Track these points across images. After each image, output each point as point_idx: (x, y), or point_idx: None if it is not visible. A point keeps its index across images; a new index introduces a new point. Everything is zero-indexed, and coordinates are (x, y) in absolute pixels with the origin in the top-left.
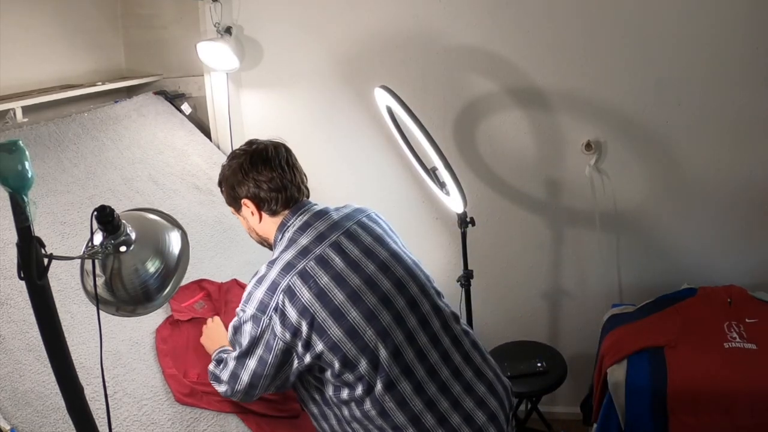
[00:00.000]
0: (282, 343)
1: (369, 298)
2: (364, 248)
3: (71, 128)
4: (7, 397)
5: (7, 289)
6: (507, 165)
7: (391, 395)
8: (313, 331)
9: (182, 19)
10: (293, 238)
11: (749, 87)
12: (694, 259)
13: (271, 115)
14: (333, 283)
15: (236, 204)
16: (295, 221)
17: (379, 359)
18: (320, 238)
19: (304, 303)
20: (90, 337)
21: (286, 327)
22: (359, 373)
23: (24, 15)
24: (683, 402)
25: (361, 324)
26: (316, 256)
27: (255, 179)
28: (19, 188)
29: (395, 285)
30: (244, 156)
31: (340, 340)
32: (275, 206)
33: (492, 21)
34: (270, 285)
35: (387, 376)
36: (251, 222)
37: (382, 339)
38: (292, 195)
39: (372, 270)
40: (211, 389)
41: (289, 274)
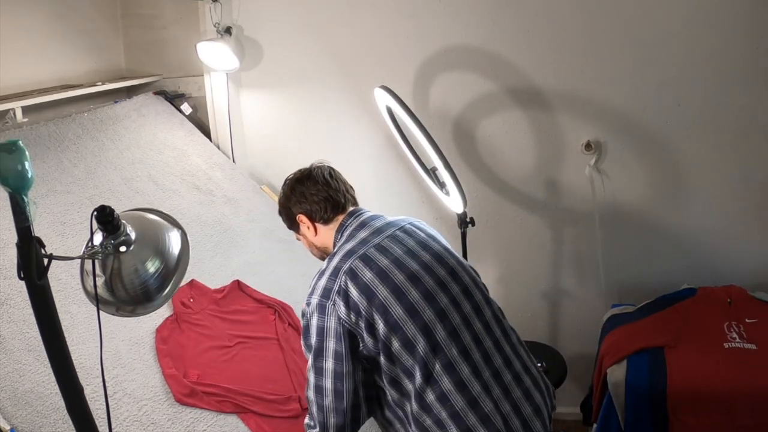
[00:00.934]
0: (347, 326)
1: (427, 281)
2: (419, 241)
3: (71, 128)
4: (7, 397)
5: (7, 289)
6: (507, 165)
7: (450, 377)
8: (374, 309)
9: (182, 19)
10: (352, 233)
11: (749, 87)
12: (694, 259)
13: (271, 115)
14: (393, 266)
15: (294, 224)
16: (353, 221)
17: (437, 339)
18: (377, 231)
19: (366, 282)
20: (90, 337)
21: (351, 307)
22: (419, 355)
23: (24, 15)
24: (683, 402)
25: (420, 303)
26: (375, 244)
27: (303, 194)
28: (19, 188)
29: (449, 273)
30: (293, 180)
31: (400, 317)
32: (326, 214)
33: (492, 21)
34: (332, 271)
35: (445, 356)
36: (310, 237)
37: (440, 319)
38: (339, 201)
39: (428, 258)
40: (211, 389)
41: (351, 258)
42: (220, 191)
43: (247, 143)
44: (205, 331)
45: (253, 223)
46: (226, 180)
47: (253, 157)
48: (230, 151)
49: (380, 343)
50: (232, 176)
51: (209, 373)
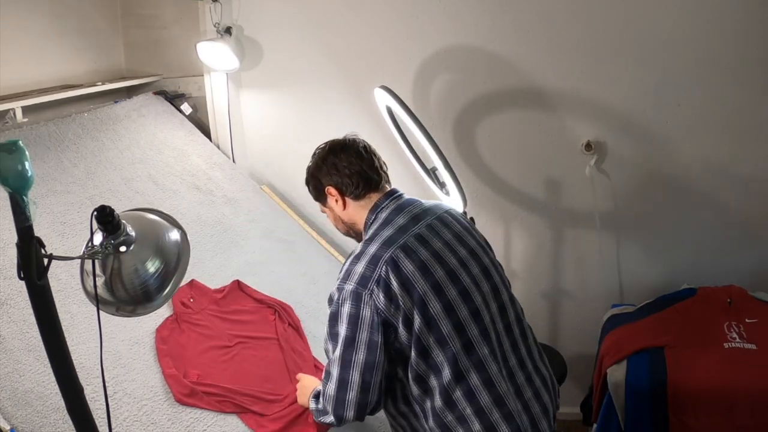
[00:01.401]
0: (384, 317)
1: (464, 278)
2: (455, 234)
3: (71, 128)
4: (7, 397)
5: (7, 289)
6: (507, 165)
7: (479, 375)
8: (414, 303)
9: (182, 19)
10: (389, 218)
11: (749, 87)
12: (694, 259)
13: (271, 115)
14: (433, 260)
15: (322, 196)
16: (389, 203)
17: (469, 337)
18: (415, 219)
19: (408, 274)
20: (90, 337)
21: (391, 299)
22: (450, 352)
23: (24, 15)
24: (683, 402)
25: (457, 301)
26: (414, 234)
27: (335, 165)
28: (19, 188)
29: (482, 270)
30: (324, 150)
31: (438, 314)
32: (357, 190)
33: (492, 21)
34: (371, 258)
35: (476, 355)
36: (337, 211)
37: (473, 318)
38: (372, 177)
39: (464, 254)
40: (212, 389)
41: (392, 247)
42: (220, 191)
43: (247, 143)
44: (205, 331)
45: (253, 223)
46: (226, 180)
47: (253, 157)
48: (230, 151)
49: (414, 338)
50: (232, 176)
51: (209, 373)
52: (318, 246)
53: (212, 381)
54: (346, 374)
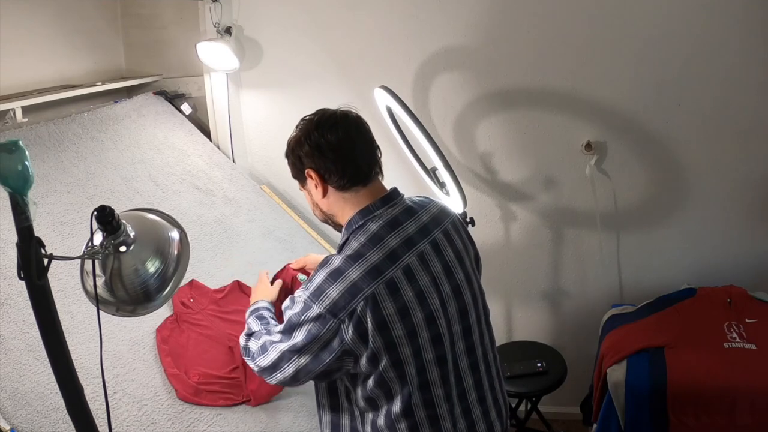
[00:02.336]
0: (347, 348)
1: (441, 322)
2: (445, 264)
3: (71, 128)
4: (7, 397)
5: (7, 289)
6: (507, 165)
7: (426, 412)
8: (384, 345)
9: (182, 19)
10: (380, 234)
11: (749, 87)
12: (694, 259)
13: (271, 115)
14: (416, 301)
15: (301, 176)
16: (384, 213)
17: (428, 378)
18: (409, 243)
19: (386, 317)
20: (90, 337)
21: (360, 336)
22: (407, 390)
23: (24, 15)
24: (683, 402)
25: (426, 345)
26: (404, 266)
27: (320, 147)
28: (19, 188)
29: (460, 311)
30: (311, 123)
31: (405, 358)
32: (342, 180)
33: (492, 21)
34: (350, 287)
35: (429, 394)
36: (315, 196)
37: (438, 364)
38: (361, 168)
39: (447, 292)
40: (215, 387)
41: (376, 281)
42: (220, 191)
43: (247, 143)
44: (206, 331)
45: (253, 223)
46: (226, 180)
47: (253, 157)
48: (230, 151)
49: (376, 372)
50: (232, 176)
51: (209, 373)
52: (318, 246)
53: (212, 379)
54: (281, 364)
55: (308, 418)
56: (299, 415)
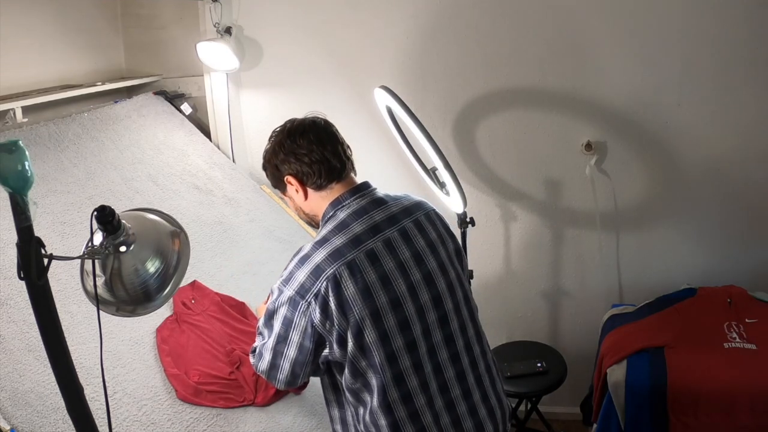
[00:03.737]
0: (318, 330)
1: (408, 307)
2: (415, 252)
3: (71, 128)
4: (7, 397)
5: (7, 289)
6: (507, 165)
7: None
8: (349, 326)
9: (182, 19)
10: (346, 221)
11: (749, 87)
12: (694, 259)
13: (270, 115)
14: (379, 284)
15: (281, 184)
16: (352, 203)
17: (401, 368)
18: (375, 230)
19: (348, 297)
20: (90, 337)
21: (327, 316)
22: (380, 380)
23: (24, 15)
24: (683, 402)
25: (393, 330)
26: (367, 249)
27: (294, 153)
28: (19, 188)
29: (433, 299)
30: (282, 133)
31: (372, 342)
32: (319, 180)
33: (492, 21)
34: (314, 269)
35: (405, 386)
36: (297, 201)
37: (408, 350)
38: (335, 166)
39: (417, 278)
40: (215, 388)
41: (337, 262)
42: (220, 191)
43: (247, 143)
44: (206, 332)
45: (253, 223)
46: (226, 180)
47: (253, 157)
48: (230, 151)
49: (347, 358)
50: (232, 176)
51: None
52: None
53: (212, 380)
54: (277, 361)
55: (308, 418)
56: (299, 415)
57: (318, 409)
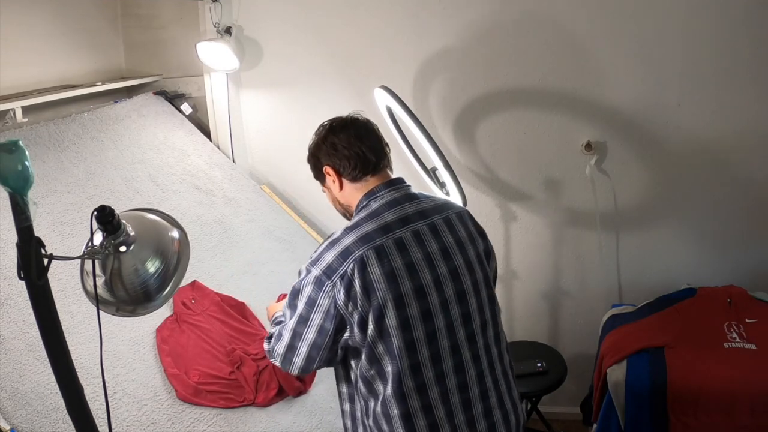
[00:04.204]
0: (340, 312)
1: (433, 298)
2: (443, 247)
3: (71, 128)
4: (7, 397)
5: (7, 289)
6: (507, 165)
7: (419, 398)
8: (371, 309)
9: (182, 19)
10: (378, 210)
11: (749, 87)
12: (694, 259)
13: (270, 115)
14: (405, 271)
15: (321, 175)
16: (386, 194)
17: (419, 359)
18: (405, 221)
19: (373, 279)
20: (90, 337)
21: (350, 297)
22: (396, 368)
23: (24, 15)
24: (683, 402)
25: (416, 320)
26: (396, 237)
27: (334, 145)
28: (19, 188)
29: (458, 294)
30: (326, 128)
31: (392, 327)
32: (354, 171)
33: (492, 21)
34: (343, 251)
35: (421, 377)
36: (334, 192)
37: (428, 341)
38: (370, 160)
39: (443, 272)
40: (215, 388)
41: (366, 246)
42: (220, 191)
43: (247, 143)
44: (206, 332)
45: (253, 223)
46: (226, 180)
47: (253, 157)
48: (230, 151)
49: (366, 342)
50: (232, 176)
51: (209, 373)
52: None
53: (212, 380)
54: (295, 343)
55: (308, 418)
56: (299, 415)
57: (318, 409)
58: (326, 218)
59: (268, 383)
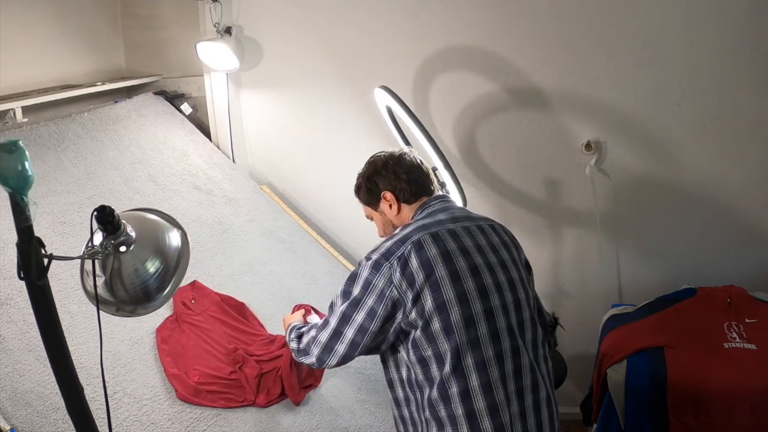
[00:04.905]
0: (395, 292)
1: (486, 278)
2: (489, 243)
3: (71, 128)
4: (7, 397)
5: (7, 289)
6: (507, 165)
7: (479, 376)
8: (428, 284)
9: (182, 19)
10: (432, 213)
11: (749, 88)
12: (693, 259)
13: (270, 115)
14: (458, 252)
15: (375, 200)
16: (437, 204)
17: (478, 334)
18: (455, 219)
19: (429, 256)
20: (90, 337)
21: (405, 276)
22: (455, 343)
23: (24, 15)
24: (683, 402)
25: (473, 294)
26: (449, 228)
27: (395, 171)
28: (19, 188)
29: (508, 281)
30: (383, 156)
31: (449, 300)
32: (411, 195)
33: (492, 21)
34: (402, 237)
35: (480, 354)
36: (389, 215)
37: (486, 317)
38: (425, 185)
39: (493, 260)
40: (215, 388)
41: (422, 232)
42: (220, 191)
43: (247, 143)
44: (206, 332)
45: (253, 223)
46: (226, 180)
47: (253, 157)
48: (230, 151)
49: (422, 319)
50: (232, 176)
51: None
52: (318, 246)
53: (213, 380)
54: (342, 328)
55: (308, 418)
56: (299, 415)
57: (318, 409)
58: (326, 218)
59: (270, 388)
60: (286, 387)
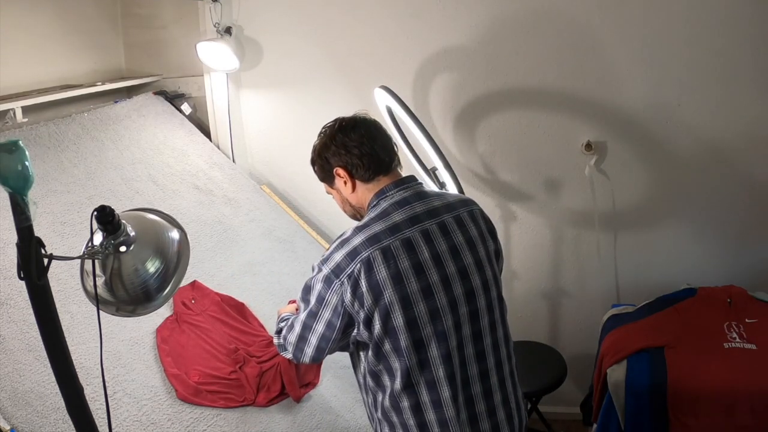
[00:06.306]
0: (348, 309)
1: (440, 298)
2: (452, 246)
3: (71, 128)
4: (7, 397)
5: (7, 289)
6: (507, 165)
7: (429, 394)
8: (377, 309)
9: (182, 19)
10: (388, 210)
11: (749, 88)
12: (693, 259)
13: (270, 115)
14: (412, 271)
15: (329, 177)
16: (395, 194)
17: (428, 356)
18: (414, 220)
19: (379, 280)
20: (90, 337)
21: (356, 297)
22: (404, 364)
23: (24, 15)
24: (683, 402)
25: (423, 319)
26: (404, 238)
27: (345, 144)
28: (19, 188)
29: (466, 293)
30: (333, 128)
31: (399, 327)
32: (368, 173)
33: (492, 21)
34: (350, 251)
35: (430, 374)
36: (345, 193)
37: (437, 340)
38: (383, 159)
39: (452, 271)
40: (215, 388)
41: (373, 247)
42: (220, 191)
43: (247, 143)
44: (206, 332)
45: (253, 223)
46: (226, 180)
47: (253, 157)
48: (230, 151)
49: (373, 340)
50: (232, 176)
51: (209, 373)
52: (318, 246)
53: (213, 380)
54: (306, 334)
55: (308, 418)
56: (299, 415)
57: (318, 409)
58: (326, 218)
59: (270, 386)
60: (285, 381)
